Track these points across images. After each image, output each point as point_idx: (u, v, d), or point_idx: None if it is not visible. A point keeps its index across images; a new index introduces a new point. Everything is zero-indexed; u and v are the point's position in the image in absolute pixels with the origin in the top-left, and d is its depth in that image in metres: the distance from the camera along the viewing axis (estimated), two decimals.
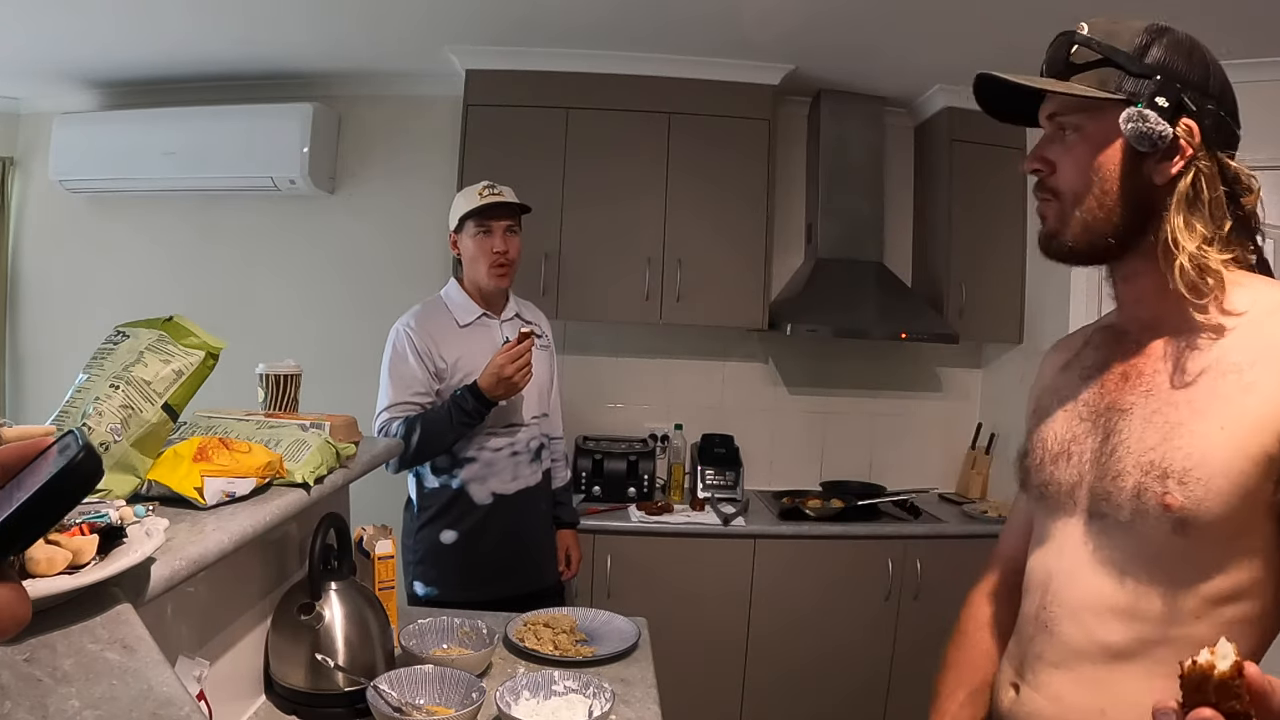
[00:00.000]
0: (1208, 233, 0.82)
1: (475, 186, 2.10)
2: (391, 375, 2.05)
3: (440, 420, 1.98)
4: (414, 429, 1.96)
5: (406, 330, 2.06)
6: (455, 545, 2.07)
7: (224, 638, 1.20)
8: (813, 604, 2.80)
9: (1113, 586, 0.85)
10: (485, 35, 2.82)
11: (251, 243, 3.32)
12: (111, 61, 3.03)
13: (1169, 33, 0.84)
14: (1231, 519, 0.78)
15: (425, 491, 2.11)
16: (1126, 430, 0.85)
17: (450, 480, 2.08)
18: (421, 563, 2.10)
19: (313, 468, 1.22)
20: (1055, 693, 0.88)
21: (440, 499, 2.08)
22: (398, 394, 2.02)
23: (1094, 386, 0.92)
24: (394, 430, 1.97)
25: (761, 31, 2.66)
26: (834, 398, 3.40)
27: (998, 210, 3.13)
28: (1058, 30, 0.91)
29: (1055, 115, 0.88)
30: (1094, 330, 1.00)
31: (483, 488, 2.08)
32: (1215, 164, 0.83)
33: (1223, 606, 0.80)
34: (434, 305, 2.15)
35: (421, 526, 2.11)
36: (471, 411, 1.96)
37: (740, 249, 3.01)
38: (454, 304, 2.13)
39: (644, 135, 2.98)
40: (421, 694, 1.25)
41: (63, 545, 0.74)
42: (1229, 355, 0.81)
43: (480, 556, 2.08)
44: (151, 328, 1.10)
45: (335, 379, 2.49)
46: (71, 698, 0.69)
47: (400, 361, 2.04)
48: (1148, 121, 0.80)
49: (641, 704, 1.35)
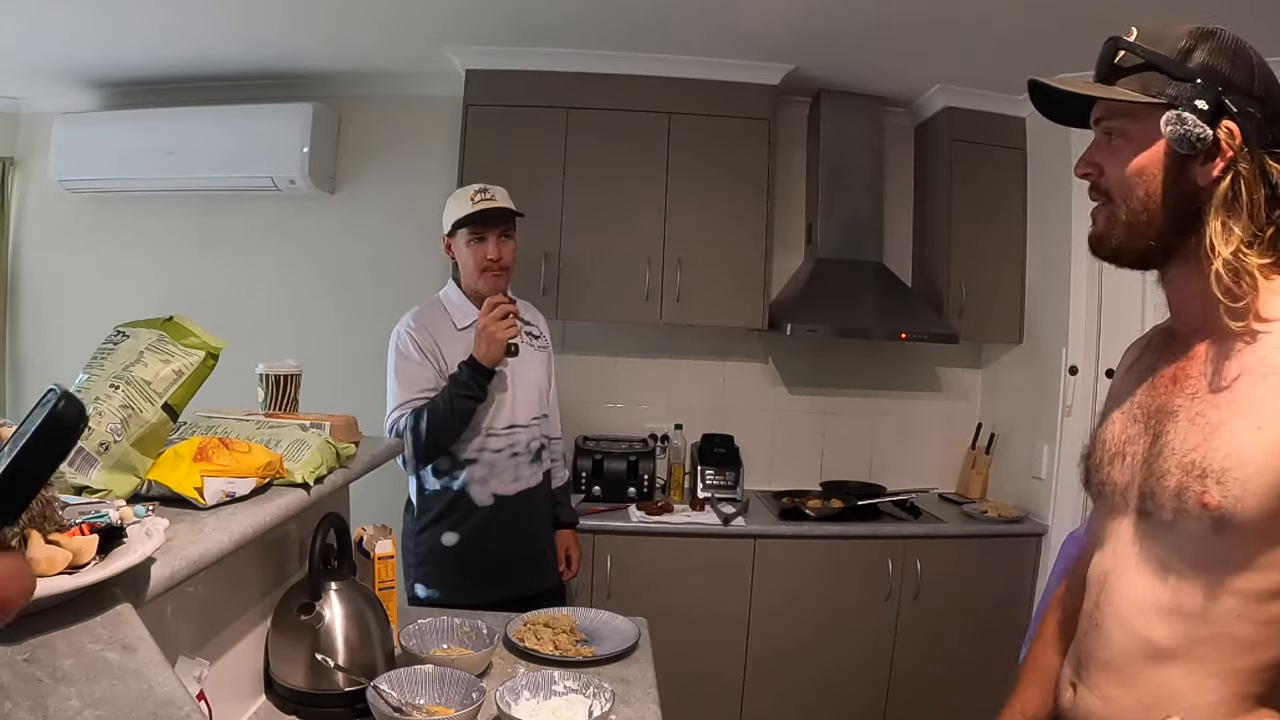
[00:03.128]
0: (1247, 236, 0.82)
1: (467, 190, 2.08)
2: (398, 376, 2.04)
3: (442, 402, 1.97)
4: (420, 417, 1.96)
5: (408, 331, 2.06)
6: (457, 547, 2.07)
7: (224, 638, 1.20)
8: (813, 604, 2.80)
9: (1156, 585, 0.86)
10: (485, 35, 2.82)
11: (251, 242, 3.32)
12: (111, 61, 3.03)
13: (1214, 36, 0.84)
14: (1269, 518, 0.78)
15: (426, 494, 2.10)
16: (1173, 431, 0.86)
17: (451, 482, 2.07)
18: (423, 565, 2.10)
19: (313, 468, 1.22)
20: (1106, 692, 0.90)
21: (441, 501, 2.08)
22: (405, 393, 2.02)
23: (1147, 388, 0.93)
24: (402, 425, 1.98)
25: (761, 31, 2.66)
26: (834, 398, 3.40)
27: (998, 210, 3.13)
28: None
29: (1101, 120, 0.90)
30: (1155, 332, 1.01)
31: (484, 489, 2.08)
32: (1258, 166, 0.83)
33: (1264, 604, 0.81)
34: (433, 306, 2.15)
35: (423, 529, 2.10)
36: (467, 381, 1.96)
37: (740, 249, 3.01)
38: (452, 306, 2.13)
39: (644, 135, 2.97)
40: (421, 694, 1.25)
41: (63, 545, 0.74)
42: (1269, 357, 0.81)
43: (482, 558, 2.08)
44: (151, 328, 1.10)
45: (335, 379, 2.49)
46: (71, 698, 0.69)
47: (405, 362, 2.04)
48: (1186, 124, 0.80)
49: (641, 704, 1.35)
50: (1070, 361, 2.82)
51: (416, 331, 2.05)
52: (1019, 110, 3.13)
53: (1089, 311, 2.80)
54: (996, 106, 3.10)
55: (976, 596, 2.84)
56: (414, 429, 1.96)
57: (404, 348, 2.05)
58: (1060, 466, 2.86)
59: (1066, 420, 2.84)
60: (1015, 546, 2.91)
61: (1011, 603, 2.87)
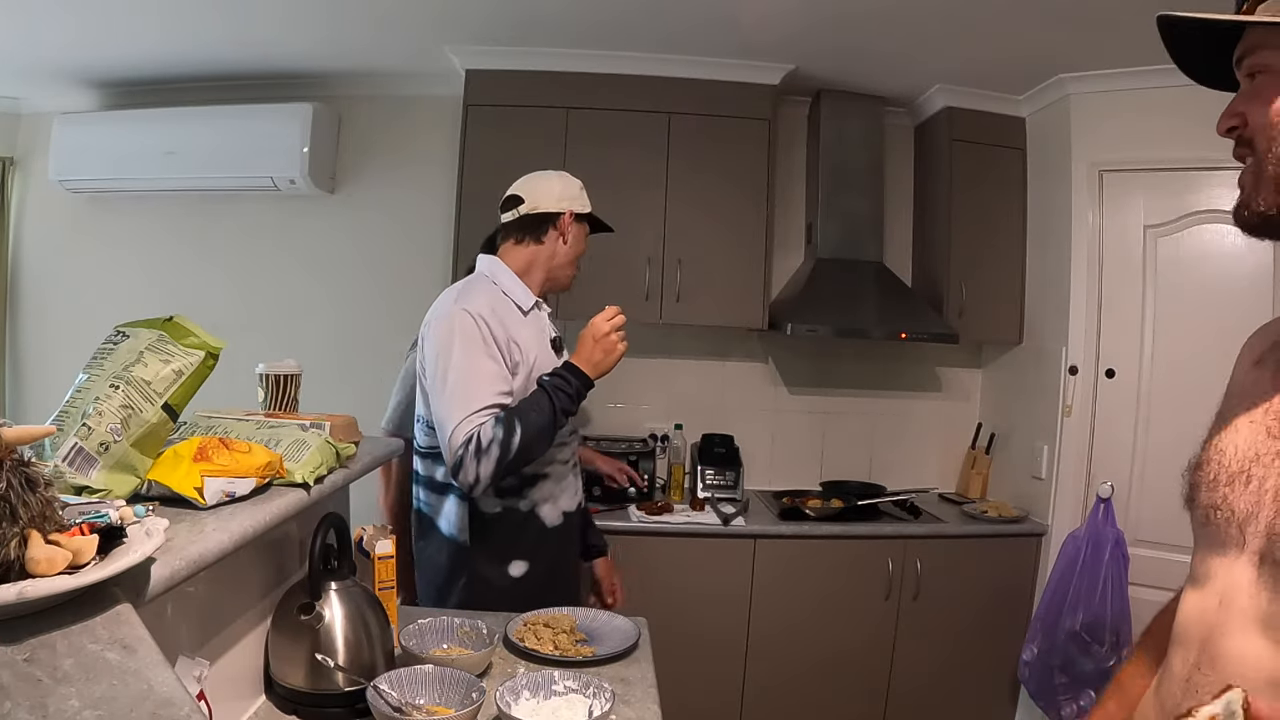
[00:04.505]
0: None
1: (577, 181, 1.88)
2: (474, 373, 1.64)
3: (542, 413, 1.64)
4: (512, 428, 1.60)
5: (481, 318, 1.66)
6: (525, 578, 1.78)
7: (224, 638, 1.20)
8: (813, 604, 2.80)
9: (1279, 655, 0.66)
10: (485, 35, 2.82)
11: (251, 243, 3.32)
12: (111, 61, 3.03)
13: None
14: None
15: (485, 519, 1.75)
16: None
17: (518, 502, 1.76)
18: (470, 604, 1.72)
19: (313, 468, 1.22)
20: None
21: (504, 525, 1.76)
22: (485, 394, 1.64)
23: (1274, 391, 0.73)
24: (487, 437, 1.60)
25: (761, 31, 2.66)
26: (834, 398, 3.40)
27: (998, 210, 3.13)
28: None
29: (1243, 59, 0.73)
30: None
31: (554, 508, 1.81)
32: None
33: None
34: (489, 288, 1.77)
35: (478, 561, 1.75)
36: (575, 394, 1.67)
37: (740, 249, 3.01)
38: (510, 287, 1.79)
39: (644, 135, 2.97)
40: (421, 694, 1.25)
41: (63, 545, 0.74)
42: None
43: (547, 587, 1.78)
44: (151, 328, 1.10)
45: (336, 379, 2.49)
46: (71, 698, 0.69)
47: (482, 357, 1.65)
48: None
49: (641, 704, 1.35)
50: (1070, 361, 2.82)
51: (490, 319, 1.68)
52: (1019, 110, 3.13)
53: (1089, 311, 2.80)
54: (996, 106, 3.10)
55: (976, 596, 2.85)
56: (503, 442, 1.59)
57: (482, 337, 1.65)
58: (1060, 466, 2.86)
59: (1066, 420, 2.84)
60: (1015, 546, 2.91)
61: (1011, 603, 2.87)
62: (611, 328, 1.70)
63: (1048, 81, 2.88)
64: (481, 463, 1.60)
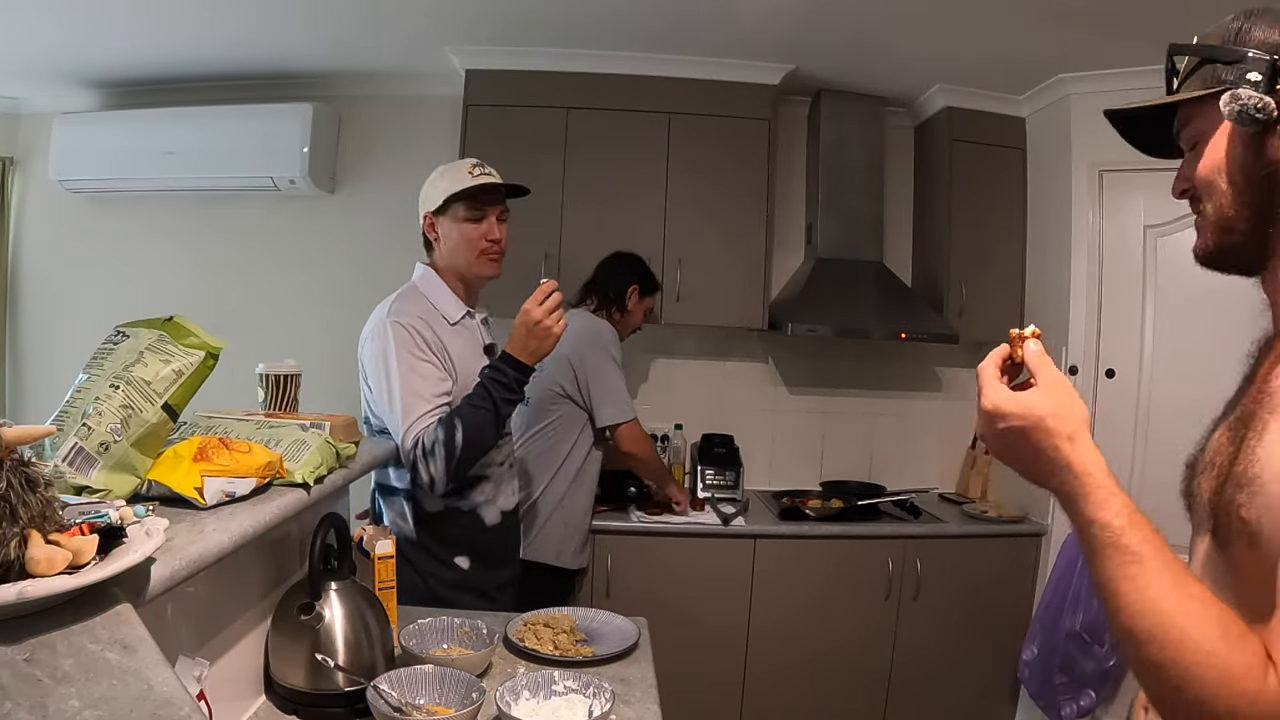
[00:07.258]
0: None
1: (463, 164, 1.85)
2: (411, 379, 1.69)
3: (481, 407, 1.67)
4: (453, 428, 1.64)
5: (413, 328, 1.72)
6: (471, 570, 1.84)
7: (224, 638, 1.20)
8: (813, 604, 2.80)
9: None
10: (485, 35, 2.82)
11: (251, 243, 3.32)
12: (111, 61, 3.03)
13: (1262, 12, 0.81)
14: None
15: (428, 516, 1.81)
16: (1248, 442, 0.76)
17: (459, 502, 1.81)
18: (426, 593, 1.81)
19: (313, 468, 1.22)
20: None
21: (446, 523, 1.82)
22: (424, 399, 1.68)
23: (1240, 394, 0.86)
24: (430, 440, 1.65)
25: (761, 31, 2.66)
26: (834, 398, 3.40)
27: (998, 210, 3.13)
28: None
29: (1180, 132, 0.87)
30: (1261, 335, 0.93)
31: (493, 508, 1.86)
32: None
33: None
34: (417, 297, 1.82)
35: (425, 555, 1.83)
36: (512, 383, 1.68)
37: (740, 249, 3.01)
38: (438, 297, 1.83)
39: (644, 135, 2.97)
40: (421, 694, 1.25)
41: (63, 545, 0.74)
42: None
43: (492, 577, 1.88)
44: (151, 328, 1.10)
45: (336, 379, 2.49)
46: (71, 698, 0.69)
47: (417, 361, 1.70)
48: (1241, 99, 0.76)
49: (641, 704, 1.35)
50: (1070, 361, 2.82)
51: (419, 325, 1.72)
52: (1019, 110, 3.13)
53: (1089, 311, 2.80)
54: (996, 106, 3.10)
55: (976, 596, 2.84)
56: (447, 442, 1.63)
57: (414, 344, 1.71)
58: None
59: None
60: (1015, 546, 2.91)
61: (1011, 603, 2.87)
62: (544, 312, 1.67)
63: (1048, 81, 2.88)
64: (431, 464, 1.65)
